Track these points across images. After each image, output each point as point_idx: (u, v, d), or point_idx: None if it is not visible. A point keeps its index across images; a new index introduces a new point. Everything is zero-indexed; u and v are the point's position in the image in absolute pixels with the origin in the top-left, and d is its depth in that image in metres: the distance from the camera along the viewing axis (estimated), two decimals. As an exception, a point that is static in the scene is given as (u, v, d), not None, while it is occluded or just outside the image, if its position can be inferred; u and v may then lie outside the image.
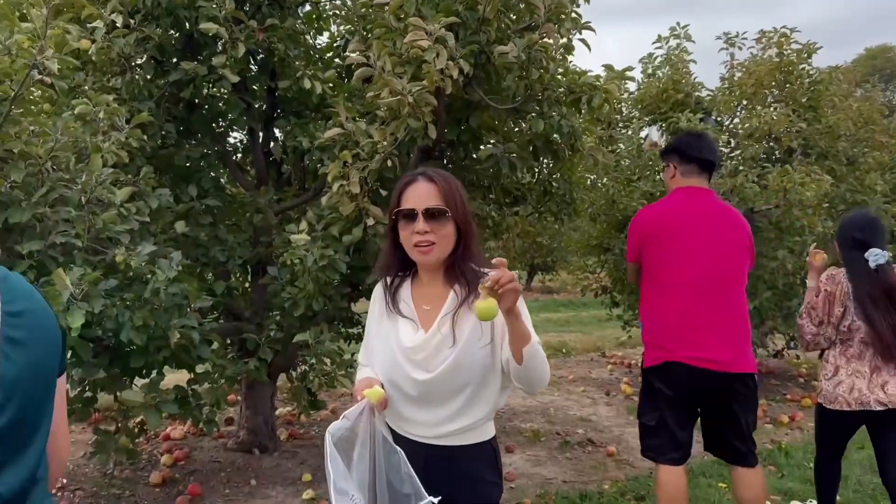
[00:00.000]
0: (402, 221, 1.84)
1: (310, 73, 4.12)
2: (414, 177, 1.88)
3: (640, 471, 4.57)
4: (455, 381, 1.80)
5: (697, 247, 3.07)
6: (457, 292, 1.85)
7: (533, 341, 1.71)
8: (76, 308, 2.54)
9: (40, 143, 2.74)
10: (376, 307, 1.99)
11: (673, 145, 3.35)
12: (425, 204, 1.80)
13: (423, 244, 1.79)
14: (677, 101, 6.72)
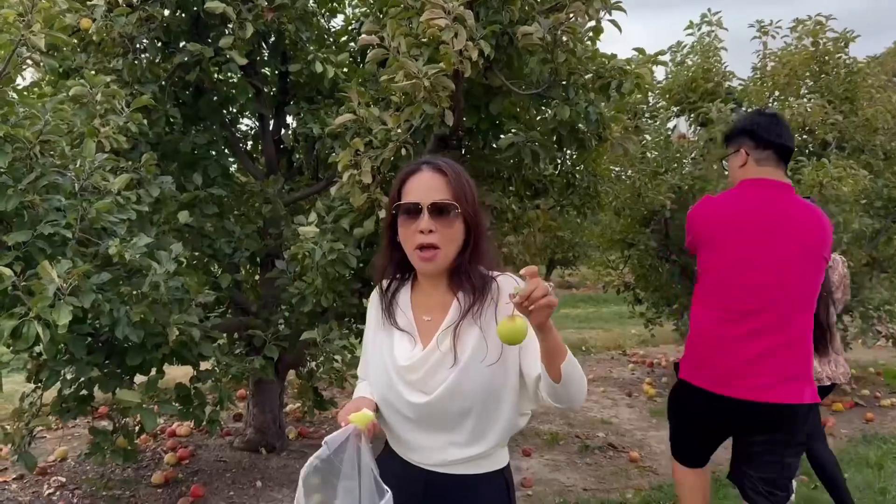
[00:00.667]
0: (402, 217, 1.58)
1: (322, 56, 3.92)
2: (418, 166, 1.61)
3: (665, 478, 4.34)
4: (455, 405, 1.55)
5: (763, 261, 2.53)
6: (460, 301, 1.59)
7: (569, 354, 1.44)
8: (62, 304, 2.35)
9: (29, 126, 2.55)
10: (373, 315, 1.74)
11: (745, 126, 2.75)
12: (431, 197, 1.54)
13: (427, 246, 1.53)
14: (707, 91, 6.45)
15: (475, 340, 1.55)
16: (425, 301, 1.65)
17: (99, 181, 2.78)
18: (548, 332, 1.37)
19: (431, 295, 1.64)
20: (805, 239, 2.55)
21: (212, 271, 4.12)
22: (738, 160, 2.72)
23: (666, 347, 8.76)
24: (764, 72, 7.18)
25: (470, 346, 1.55)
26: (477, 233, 1.59)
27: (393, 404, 1.61)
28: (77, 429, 5.01)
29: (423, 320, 1.64)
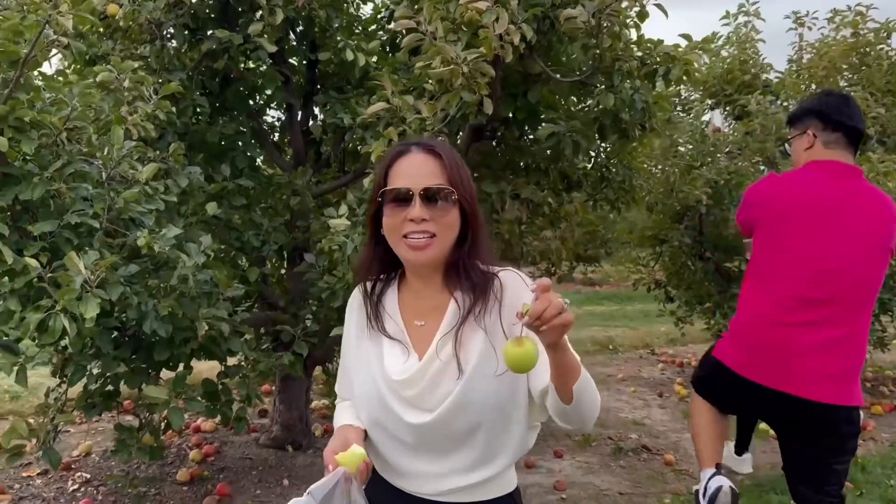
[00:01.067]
0: (389, 206, 1.37)
1: (353, 44, 3.80)
2: (407, 146, 1.42)
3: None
4: (462, 423, 1.36)
5: (834, 248, 2.39)
6: (459, 301, 1.40)
7: (583, 372, 1.27)
8: (90, 296, 2.26)
9: (55, 112, 2.46)
10: (353, 322, 1.52)
11: (812, 107, 2.59)
12: (423, 182, 1.35)
13: (419, 235, 1.34)
14: (743, 83, 6.26)
15: (481, 346, 1.36)
16: (416, 303, 1.46)
17: (127, 170, 2.69)
18: (561, 350, 1.20)
19: (423, 296, 1.45)
20: (875, 228, 2.41)
21: (239, 265, 4.03)
22: (805, 142, 2.57)
23: (695, 347, 8.57)
24: (800, 64, 6.97)
25: (475, 352, 1.36)
26: (475, 223, 1.41)
27: (385, 427, 1.40)
28: (101, 423, 4.95)
29: (415, 326, 1.44)
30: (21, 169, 2.43)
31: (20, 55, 2.33)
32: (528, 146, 3.68)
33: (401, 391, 1.37)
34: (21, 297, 2.40)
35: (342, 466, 1.27)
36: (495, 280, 1.42)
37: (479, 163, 3.91)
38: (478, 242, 1.42)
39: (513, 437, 1.40)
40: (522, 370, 1.19)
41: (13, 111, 2.31)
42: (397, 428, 1.39)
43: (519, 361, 1.16)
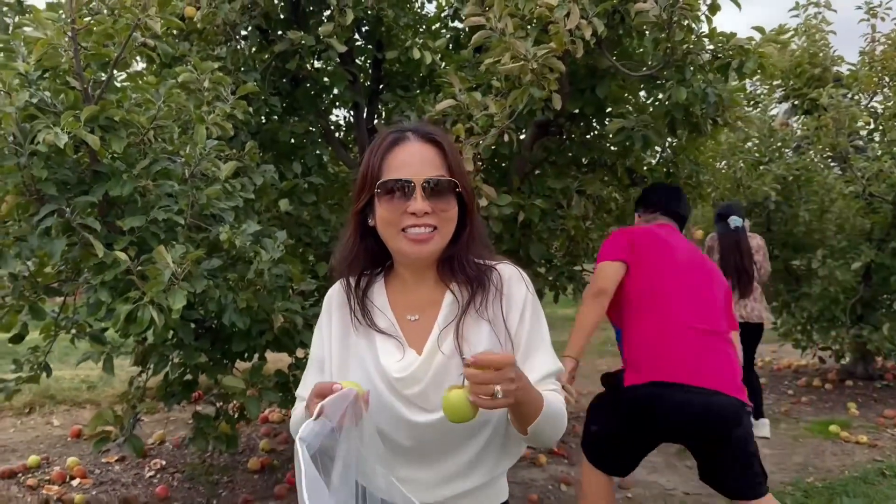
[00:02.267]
0: (385, 197, 1.27)
1: (419, 42, 3.85)
2: (402, 133, 1.31)
3: (773, 485, 4.08)
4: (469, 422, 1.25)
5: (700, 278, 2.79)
6: (456, 294, 1.33)
7: (543, 412, 1.21)
8: (178, 288, 2.35)
9: (142, 112, 2.57)
10: (335, 320, 1.38)
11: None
12: (425, 173, 1.26)
13: (420, 229, 1.26)
14: (813, 77, 6.09)
15: (486, 337, 1.30)
16: (407, 298, 1.37)
17: (208, 168, 2.78)
18: (517, 406, 1.16)
19: (415, 290, 1.37)
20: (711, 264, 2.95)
21: (308, 260, 4.12)
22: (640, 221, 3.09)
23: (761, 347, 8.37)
24: (873, 56, 6.75)
25: (483, 342, 1.29)
26: (472, 215, 1.34)
27: (382, 429, 1.27)
28: (173, 413, 5.12)
29: (408, 321, 1.35)
30: (110, 167, 2.54)
31: (111, 57, 2.44)
32: (595, 141, 3.67)
33: (402, 389, 1.27)
34: (110, 289, 2.52)
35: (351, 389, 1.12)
36: (493, 272, 1.36)
37: (544, 159, 3.91)
38: (475, 235, 1.36)
39: (510, 439, 1.34)
40: (459, 419, 1.13)
41: (104, 111, 2.42)
42: (397, 429, 1.28)
43: (455, 408, 1.12)
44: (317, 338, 1.41)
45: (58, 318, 3.00)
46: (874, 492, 3.97)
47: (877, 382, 6.49)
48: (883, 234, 5.59)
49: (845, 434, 5.00)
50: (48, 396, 5.41)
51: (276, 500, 3.70)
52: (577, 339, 2.76)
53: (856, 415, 5.55)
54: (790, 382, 6.60)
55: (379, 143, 1.32)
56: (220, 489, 3.83)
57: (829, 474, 4.29)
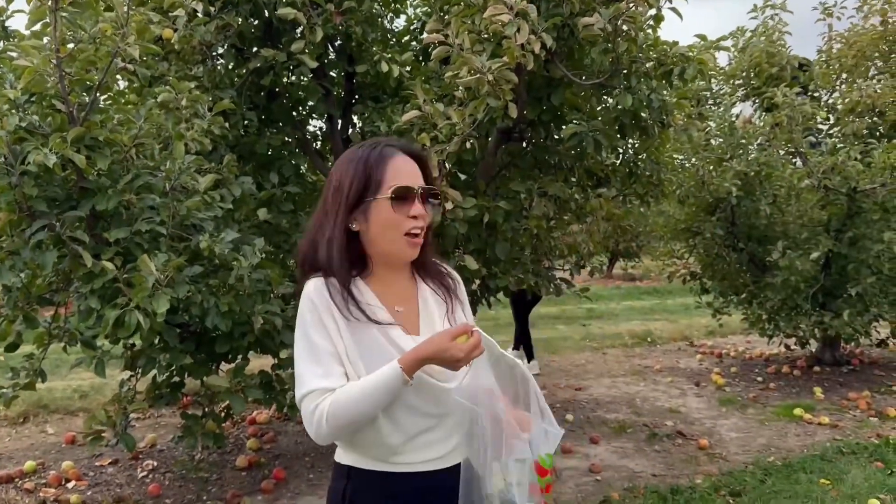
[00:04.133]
0: (396, 202, 1.45)
1: (387, 56, 4.06)
2: (391, 147, 1.51)
3: (735, 465, 4.33)
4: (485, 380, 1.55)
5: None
6: (434, 288, 1.61)
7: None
8: (161, 294, 2.55)
9: (125, 131, 2.77)
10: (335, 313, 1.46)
11: None
12: (419, 182, 1.49)
13: (418, 231, 1.47)
14: (771, 76, 6.35)
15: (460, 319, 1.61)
16: (389, 292, 1.54)
17: (187, 181, 2.98)
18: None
19: (394, 286, 1.56)
20: None
21: (288, 265, 4.32)
22: None
23: (735, 338, 8.64)
24: (830, 54, 7.02)
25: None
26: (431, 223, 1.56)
27: (414, 404, 1.46)
28: (163, 418, 5.30)
29: (397, 311, 1.53)
30: (96, 183, 2.74)
31: (94, 82, 2.64)
32: (554, 146, 3.89)
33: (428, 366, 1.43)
34: (99, 296, 2.72)
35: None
36: (447, 271, 1.67)
37: (508, 163, 4.14)
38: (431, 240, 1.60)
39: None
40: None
41: (89, 131, 2.62)
42: (425, 401, 1.46)
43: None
44: (319, 331, 1.44)
45: (50, 327, 3.20)
46: (830, 467, 4.20)
47: (844, 368, 6.75)
48: (840, 225, 5.84)
49: (808, 416, 5.24)
50: (42, 406, 5.58)
51: (263, 495, 3.89)
52: None
53: (821, 398, 5.79)
54: (760, 370, 6.84)
55: (373, 155, 1.47)
56: (209, 486, 4.01)
57: (791, 454, 4.53)
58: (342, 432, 1.43)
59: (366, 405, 1.39)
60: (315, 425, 1.41)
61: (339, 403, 1.39)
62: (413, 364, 1.39)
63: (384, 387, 1.38)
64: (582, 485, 4.06)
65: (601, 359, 7.57)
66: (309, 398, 1.41)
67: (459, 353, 1.38)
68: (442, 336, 1.40)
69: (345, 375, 1.44)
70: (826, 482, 3.96)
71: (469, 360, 1.41)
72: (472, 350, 1.40)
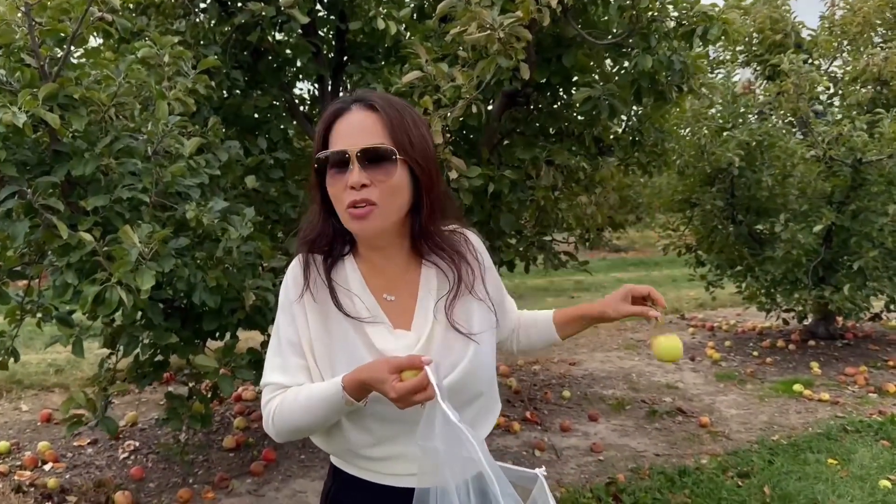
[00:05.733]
0: (329, 172, 1.22)
1: (383, 12, 3.80)
2: (345, 104, 1.25)
3: (739, 444, 4.22)
4: (470, 390, 1.29)
5: None
6: (442, 268, 1.32)
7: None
8: (145, 268, 2.32)
9: (102, 89, 2.50)
10: (297, 302, 1.30)
11: None
12: (361, 142, 1.19)
13: (360, 204, 1.20)
14: (774, 42, 6.15)
15: (478, 307, 1.33)
16: (379, 278, 1.32)
17: (171, 144, 2.73)
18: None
19: (387, 269, 1.32)
20: None
21: (277, 237, 4.09)
22: None
23: (725, 311, 8.56)
24: (833, 21, 6.83)
25: (475, 315, 1.32)
26: (429, 185, 1.26)
27: (385, 411, 1.23)
28: (144, 394, 5.08)
29: (386, 300, 1.30)
30: (71, 146, 2.48)
31: (67, 33, 2.37)
32: (562, 111, 3.68)
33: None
34: (76, 270, 2.47)
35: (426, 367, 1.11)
36: (463, 238, 1.38)
37: (512, 129, 3.91)
38: (435, 206, 1.29)
39: (496, 401, 1.42)
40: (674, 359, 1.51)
41: (62, 88, 2.36)
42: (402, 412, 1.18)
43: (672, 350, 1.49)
44: (286, 318, 1.30)
45: (23, 302, 2.95)
46: (837, 447, 4.10)
47: (838, 342, 6.68)
48: (843, 197, 5.71)
49: (808, 392, 5.15)
50: (15, 381, 5.32)
51: (252, 477, 3.71)
52: None
53: (819, 374, 5.71)
54: (755, 344, 6.76)
55: (324, 116, 1.27)
56: (195, 468, 3.82)
57: (794, 431, 4.43)
58: (289, 436, 1.30)
59: (309, 418, 1.24)
60: (266, 421, 1.30)
61: (284, 408, 1.26)
62: (355, 385, 1.17)
63: (326, 404, 1.21)
64: (584, 465, 3.93)
65: (593, 332, 7.44)
66: (266, 390, 1.31)
67: (392, 392, 1.10)
68: (381, 364, 1.14)
69: (305, 369, 1.28)
70: (834, 462, 3.86)
71: (406, 404, 1.11)
72: (408, 393, 1.09)
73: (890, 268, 5.68)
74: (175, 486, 3.59)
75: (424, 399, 1.10)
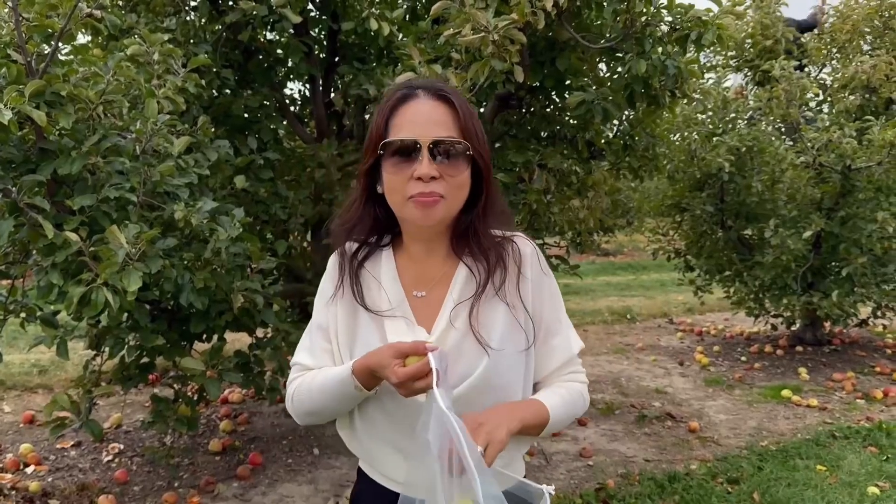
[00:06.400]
0: (391, 160, 1.18)
1: (376, 12, 3.76)
2: (412, 90, 1.21)
3: (728, 449, 4.22)
4: (488, 400, 1.21)
5: None
6: (473, 269, 1.26)
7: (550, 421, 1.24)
8: (132, 269, 2.27)
9: (90, 86, 2.46)
10: (340, 290, 1.31)
11: None
12: (433, 133, 1.16)
13: (428, 197, 1.16)
14: (765, 48, 6.17)
15: (503, 319, 1.24)
16: (415, 272, 1.29)
17: (160, 143, 2.69)
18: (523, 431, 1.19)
19: (424, 264, 1.29)
20: None
21: (266, 238, 4.05)
22: None
23: (714, 315, 8.59)
24: (822, 28, 6.87)
25: (498, 327, 1.23)
26: (489, 183, 1.24)
27: (392, 413, 1.24)
28: (129, 396, 5.01)
29: (415, 296, 1.27)
30: (58, 143, 2.43)
31: (55, 29, 2.33)
32: (555, 115, 3.66)
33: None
34: (62, 271, 2.43)
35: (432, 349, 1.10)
36: (511, 246, 1.29)
37: (505, 132, 3.89)
38: (492, 205, 1.26)
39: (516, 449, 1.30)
40: None
41: (49, 85, 2.31)
42: (409, 414, 1.19)
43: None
44: (322, 304, 1.33)
45: (6, 302, 2.89)
46: (826, 453, 4.11)
47: (825, 347, 6.71)
48: (832, 203, 5.73)
49: (797, 398, 5.16)
50: (-3, 382, 5.25)
51: (239, 481, 3.66)
52: None
53: (806, 379, 5.73)
54: (743, 349, 6.77)
55: (385, 101, 1.23)
56: (180, 471, 3.77)
57: (783, 437, 4.43)
58: (307, 419, 1.33)
59: (323, 401, 1.27)
60: (287, 401, 1.35)
61: (303, 389, 1.29)
62: (363, 370, 1.18)
63: (338, 388, 1.23)
64: (574, 470, 3.91)
65: (582, 336, 7.40)
66: (293, 370, 1.35)
67: (393, 376, 1.10)
68: (387, 349, 1.14)
69: (330, 353, 1.30)
70: (823, 468, 3.87)
71: (408, 391, 1.11)
72: (409, 379, 1.09)
73: (878, 274, 5.71)
74: (160, 490, 3.54)
75: (426, 386, 1.08)
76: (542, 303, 1.30)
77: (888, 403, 5.19)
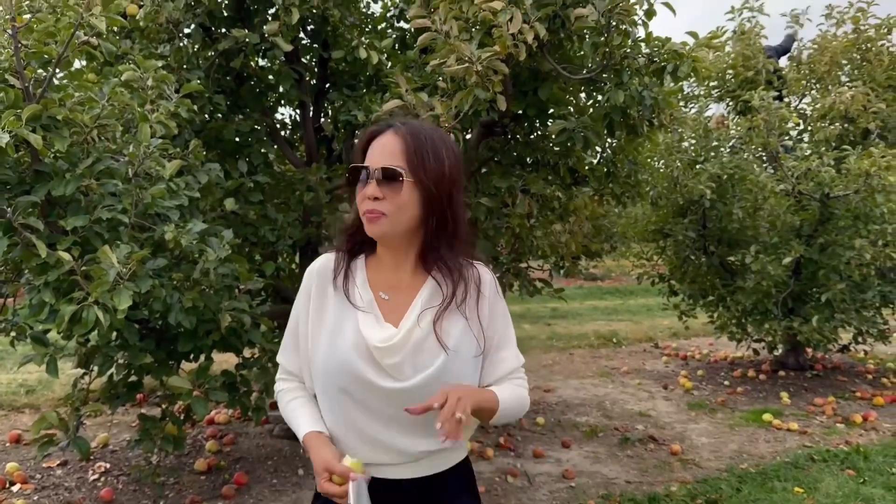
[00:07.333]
0: (359, 182, 1.42)
1: (365, 42, 3.88)
2: (383, 127, 1.45)
3: (709, 472, 4.28)
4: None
5: None
6: (441, 283, 1.46)
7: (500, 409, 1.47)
8: (123, 288, 2.34)
9: (85, 110, 2.54)
10: (314, 287, 1.50)
11: None
12: (381, 162, 1.38)
13: (373, 213, 1.39)
14: (746, 79, 6.34)
15: (460, 328, 1.44)
16: (384, 277, 1.50)
17: (152, 166, 2.77)
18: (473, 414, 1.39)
19: (392, 273, 1.49)
20: None
21: (255, 259, 4.11)
22: None
23: (698, 340, 8.67)
24: (800, 60, 7.05)
25: (455, 333, 1.43)
26: (443, 210, 1.42)
27: (353, 395, 1.41)
28: (116, 415, 5.03)
29: (380, 298, 1.47)
30: (53, 166, 2.51)
31: (53, 55, 2.41)
32: (538, 142, 3.76)
33: (381, 359, 1.39)
34: (54, 289, 2.49)
35: (356, 473, 1.33)
36: (473, 270, 1.50)
37: (489, 158, 4.00)
38: (444, 226, 1.44)
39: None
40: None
41: (46, 109, 2.39)
42: (363, 394, 1.40)
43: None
44: (300, 301, 1.53)
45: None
46: (804, 475, 4.17)
47: (808, 372, 6.80)
48: (811, 231, 5.85)
49: (777, 422, 5.23)
50: (-16, 401, 5.25)
51: (224, 500, 3.69)
52: None
53: (788, 403, 5.80)
54: (726, 374, 6.85)
55: (364, 134, 1.48)
56: (166, 490, 3.79)
57: (762, 460, 4.49)
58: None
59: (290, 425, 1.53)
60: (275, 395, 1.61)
61: (280, 402, 1.56)
62: (308, 449, 1.44)
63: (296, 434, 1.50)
64: (556, 491, 3.96)
65: (568, 359, 7.50)
66: (278, 370, 1.60)
67: (321, 484, 1.36)
68: (322, 462, 1.37)
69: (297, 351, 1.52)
70: (800, 490, 3.92)
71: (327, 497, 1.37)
72: (328, 495, 1.35)
73: (857, 300, 5.81)
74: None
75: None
76: (496, 320, 1.52)
77: (867, 428, 5.26)
